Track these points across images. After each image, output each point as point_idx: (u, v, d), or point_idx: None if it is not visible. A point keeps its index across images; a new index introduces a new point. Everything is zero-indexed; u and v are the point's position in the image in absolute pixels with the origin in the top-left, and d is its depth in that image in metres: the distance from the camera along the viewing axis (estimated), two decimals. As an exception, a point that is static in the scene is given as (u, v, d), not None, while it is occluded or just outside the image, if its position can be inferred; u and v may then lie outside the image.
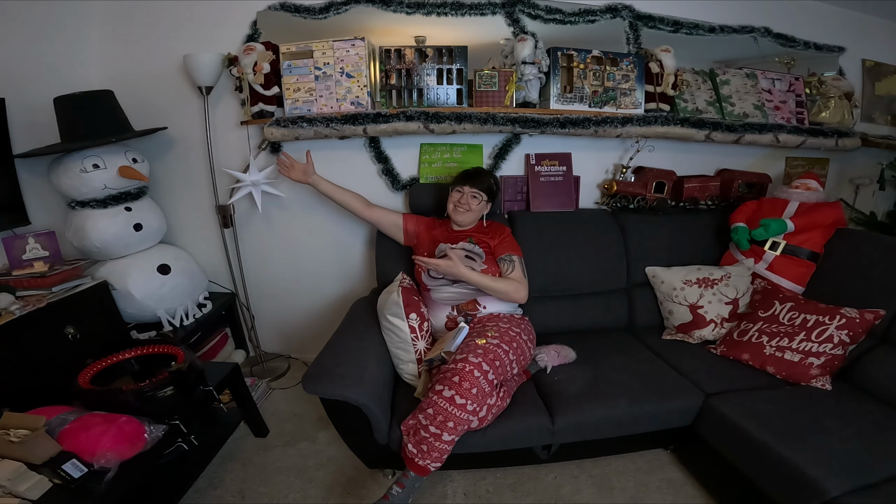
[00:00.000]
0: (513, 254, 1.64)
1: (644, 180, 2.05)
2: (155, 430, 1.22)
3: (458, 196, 1.68)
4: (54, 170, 1.65)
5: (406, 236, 1.78)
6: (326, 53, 1.77)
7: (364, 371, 1.35)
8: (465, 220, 1.69)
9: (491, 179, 1.72)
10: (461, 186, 1.68)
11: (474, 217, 1.70)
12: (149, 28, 1.89)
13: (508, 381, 1.44)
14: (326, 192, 1.75)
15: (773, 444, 1.21)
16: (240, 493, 1.51)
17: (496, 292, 1.56)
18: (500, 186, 1.79)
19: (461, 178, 1.71)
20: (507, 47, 1.85)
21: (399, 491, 1.27)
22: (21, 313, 1.35)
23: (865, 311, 1.48)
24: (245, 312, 2.25)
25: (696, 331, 1.76)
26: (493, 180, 1.73)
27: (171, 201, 2.07)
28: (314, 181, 1.73)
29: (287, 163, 1.73)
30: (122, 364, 1.48)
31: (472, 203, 1.66)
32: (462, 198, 1.67)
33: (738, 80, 2.04)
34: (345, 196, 1.76)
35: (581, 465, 1.60)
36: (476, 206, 1.67)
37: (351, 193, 1.78)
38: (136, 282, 1.74)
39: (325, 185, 1.74)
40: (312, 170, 1.72)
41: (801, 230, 1.77)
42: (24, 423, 1.09)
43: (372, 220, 1.80)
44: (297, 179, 1.73)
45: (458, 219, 1.69)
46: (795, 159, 2.27)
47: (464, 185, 1.68)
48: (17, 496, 0.99)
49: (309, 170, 1.72)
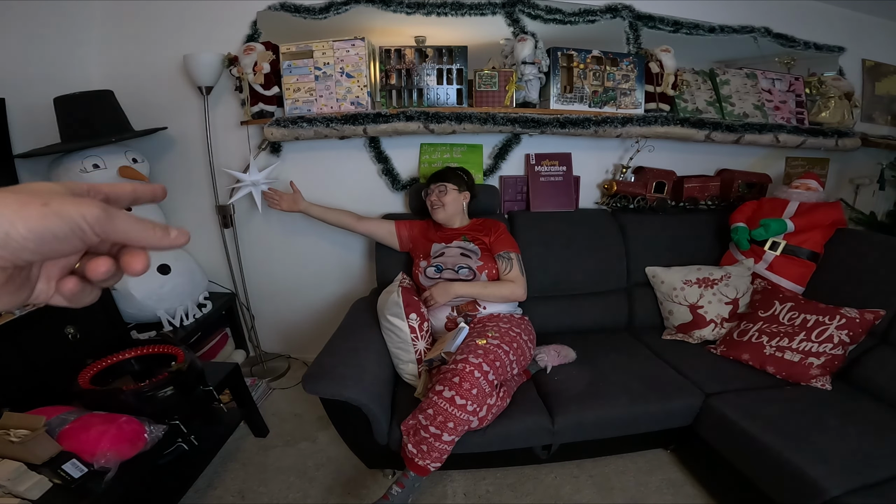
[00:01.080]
0: (510, 251, 1.65)
1: (644, 180, 2.05)
2: (155, 430, 1.22)
3: (429, 196, 1.75)
4: (54, 170, 1.65)
5: (401, 243, 1.80)
6: (326, 53, 1.77)
7: (364, 371, 1.35)
8: (444, 216, 1.72)
9: (458, 171, 1.78)
10: (429, 188, 1.75)
11: (454, 211, 1.73)
12: (149, 28, 1.89)
13: (508, 382, 1.44)
14: (318, 216, 1.82)
15: (772, 444, 1.21)
16: (240, 493, 1.51)
17: (494, 298, 1.58)
18: (470, 175, 1.84)
19: (427, 181, 1.78)
20: (507, 47, 1.85)
21: (399, 491, 1.27)
22: (21, 313, 1.35)
23: (865, 311, 1.48)
24: (245, 312, 2.25)
25: (696, 331, 1.76)
26: (459, 171, 1.78)
27: (171, 201, 2.07)
28: (304, 208, 1.80)
29: (275, 197, 1.79)
30: (122, 364, 1.47)
31: (443, 198, 1.70)
32: (432, 195, 1.73)
33: (738, 80, 2.04)
34: (335, 216, 1.82)
35: (581, 465, 1.60)
36: (449, 199, 1.70)
37: (340, 211, 1.83)
38: (136, 282, 1.74)
39: (315, 210, 1.81)
40: (300, 198, 1.81)
41: (801, 230, 1.77)
42: (24, 423, 1.09)
43: (366, 232, 1.84)
44: (288, 209, 1.81)
45: (438, 217, 1.73)
46: (795, 159, 2.27)
47: (430, 184, 1.75)
48: (17, 496, 0.99)
49: (297, 199, 1.80)
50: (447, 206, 1.71)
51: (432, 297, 1.55)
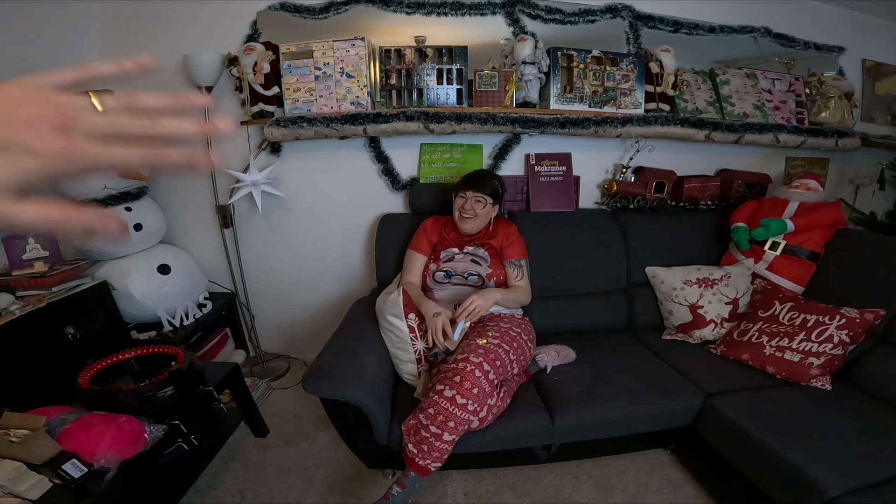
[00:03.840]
0: (521, 258, 1.65)
1: (644, 180, 2.05)
2: (155, 430, 1.22)
3: (462, 202, 1.62)
4: (54, 170, 1.65)
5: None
6: (326, 53, 1.77)
7: (364, 371, 1.35)
8: (471, 227, 1.63)
9: (496, 181, 1.67)
10: (464, 192, 1.62)
11: (481, 223, 1.65)
12: (149, 28, 1.89)
13: (509, 381, 1.44)
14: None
15: (772, 444, 1.21)
16: (240, 493, 1.51)
17: (513, 304, 1.58)
18: (505, 188, 1.74)
19: (464, 183, 1.64)
20: (507, 47, 1.85)
21: (399, 491, 1.27)
22: (21, 313, 1.35)
23: (865, 311, 1.48)
24: (245, 312, 2.25)
25: (696, 331, 1.76)
26: (497, 182, 1.67)
27: (171, 201, 2.07)
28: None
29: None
30: (122, 364, 1.47)
31: (477, 208, 1.60)
32: (466, 203, 1.61)
33: (738, 80, 2.04)
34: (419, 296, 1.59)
35: (581, 465, 1.60)
36: (482, 211, 1.61)
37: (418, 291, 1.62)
38: (136, 282, 1.74)
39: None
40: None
41: (801, 230, 1.77)
42: (24, 423, 1.09)
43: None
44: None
45: (464, 227, 1.63)
46: (795, 159, 2.27)
47: (466, 189, 1.61)
48: (17, 496, 0.99)
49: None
50: (479, 217, 1.61)
51: (478, 306, 1.42)
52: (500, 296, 1.52)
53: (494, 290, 1.51)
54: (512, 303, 1.58)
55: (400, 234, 1.87)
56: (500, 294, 1.52)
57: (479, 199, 1.61)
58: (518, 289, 1.61)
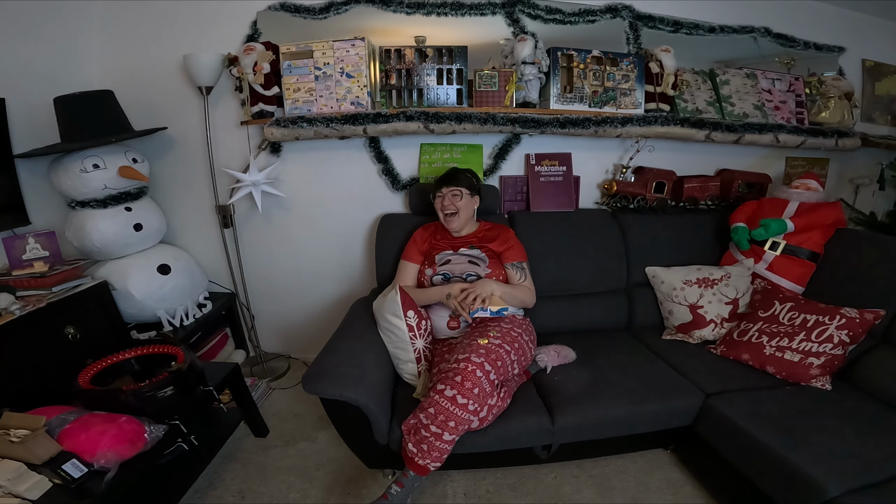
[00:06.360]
0: (522, 261, 1.66)
1: (644, 180, 2.05)
2: (155, 430, 1.22)
3: (441, 201, 1.69)
4: (54, 170, 1.65)
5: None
6: (326, 53, 1.77)
7: (364, 371, 1.35)
8: (458, 224, 1.68)
9: (467, 174, 1.73)
10: (440, 190, 1.69)
11: (467, 216, 1.70)
12: (149, 28, 1.89)
13: (509, 382, 1.44)
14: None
15: (773, 444, 1.21)
16: (240, 493, 1.51)
17: (516, 301, 1.59)
18: (479, 180, 1.79)
19: (438, 183, 1.72)
20: (507, 47, 1.85)
21: (398, 490, 1.27)
22: (21, 313, 1.35)
23: (865, 311, 1.48)
24: (245, 312, 2.25)
25: (696, 331, 1.76)
26: (469, 174, 1.74)
27: (171, 201, 2.07)
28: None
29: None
30: (122, 364, 1.48)
31: (455, 201, 1.67)
32: (444, 200, 1.68)
33: (738, 80, 2.04)
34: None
35: (581, 465, 1.60)
36: (461, 204, 1.67)
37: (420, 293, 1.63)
38: (136, 282, 1.74)
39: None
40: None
41: (801, 230, 1.77)
42: (24, 423, 1.09)
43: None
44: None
45: (451, 226, 1.69)
46: (795, 159, 2.27)
47: (441, 187, 1.69)
48: (17, 496, 0.99)
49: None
50: (461, 211, 1.66)
51: (474, 291, 1.47)
52: (502, 289, 1.53)
53: (496, 282, 1.53)
54: (517, 302, 1.59)
55: (400, 235, 1.87)
56: (503, 288, 1.54)
57: (454, 192, 1.67)
58: (521, 287, 1.61)
